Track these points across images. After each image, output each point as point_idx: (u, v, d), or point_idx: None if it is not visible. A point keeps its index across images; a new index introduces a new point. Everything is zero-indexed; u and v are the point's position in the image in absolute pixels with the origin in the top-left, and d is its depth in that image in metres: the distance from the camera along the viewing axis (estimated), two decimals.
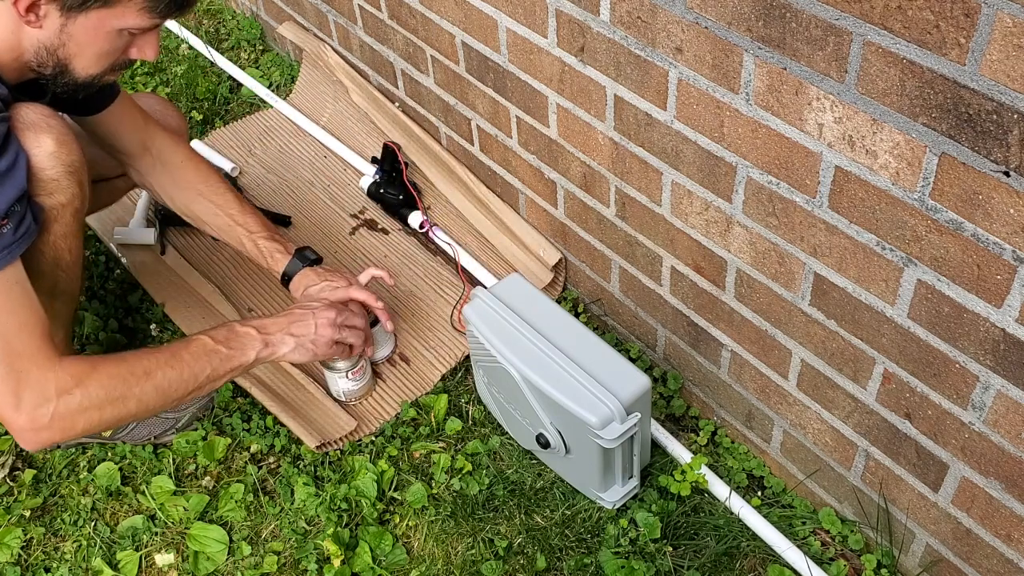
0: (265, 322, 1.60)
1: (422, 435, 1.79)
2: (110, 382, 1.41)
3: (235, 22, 2.90)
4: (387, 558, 1.63)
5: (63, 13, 1.33)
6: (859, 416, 1.43)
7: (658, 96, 1.42)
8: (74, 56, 1.39)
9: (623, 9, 1.38)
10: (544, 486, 1.70)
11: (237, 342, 1.55)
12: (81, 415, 1.39)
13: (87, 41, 1.37)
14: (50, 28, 1.35)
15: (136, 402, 1.44)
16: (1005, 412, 1.19)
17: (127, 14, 1.35)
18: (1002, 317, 1.12)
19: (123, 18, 1.36)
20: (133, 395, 1.43)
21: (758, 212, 1.38)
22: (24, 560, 1.67)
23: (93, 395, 1.39)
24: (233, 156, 2.39)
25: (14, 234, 1.33)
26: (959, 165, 1.06)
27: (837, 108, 1.15)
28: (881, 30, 1.04)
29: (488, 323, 1.61)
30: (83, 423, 1.40)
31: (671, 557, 1.58)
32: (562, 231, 1.91)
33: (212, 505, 1.72)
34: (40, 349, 1.36)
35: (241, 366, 1.55)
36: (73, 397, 1.37)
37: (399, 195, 2.15)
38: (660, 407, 1.81)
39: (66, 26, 1.35)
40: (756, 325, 1.52)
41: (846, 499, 1.58)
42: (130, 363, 1.44)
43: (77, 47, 1.38)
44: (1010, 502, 1.27)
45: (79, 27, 1.35)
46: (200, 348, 1.51)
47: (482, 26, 1.74)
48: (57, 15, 1.33)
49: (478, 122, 1.97)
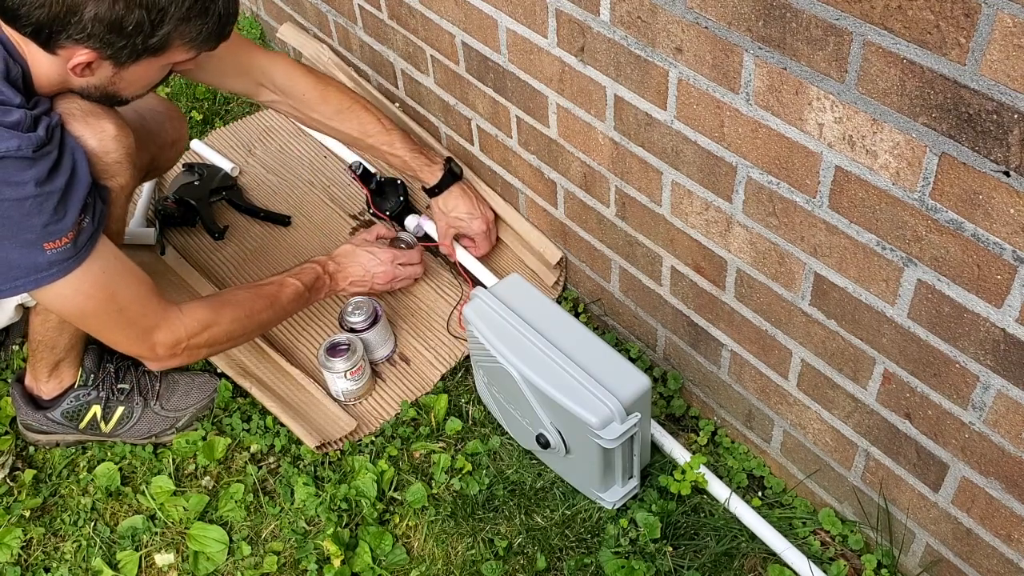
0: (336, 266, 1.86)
1: (422, 435, 1.79)
2: (231, 325, 1.64)
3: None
4: (387, 558, 1.63)
5: (115, 66, 1.38)
6: (859, 416, 1.43)
7: (658, 96, 1.42)
8: (122, 90, 1.48)
9: (623, 9, 1.38)
10: (544, 486, 1.70)
11: (317, 288, 1.81)
12: (206, 349, 1.64)
13: (137, 79, 1.45)
14: (102, 76, 1.41)
15: (245, 338, 1.73)
16: (1005, 412, 1.19)
17: (174, 55, 1.41)
18: (1002, 317, 1.12)
19: (171, 57, 1.42)
20: (245, 333, 1.70)
21: (758, 212, 1.38)
22: (24, 560, 1.67)
23: (217, 334, 1.63)
24: (233, 156, 2.39)
25: (93, 222, 1.42)
26: (959, 165, 1.06)
27: (837, 108, 1.15)
28: (881, 30, 1.04)
29: (488, 323, 1.61)
30: (206, 353, 1.67)
31: (671, 557, 1.58)
32: (562, 231, 1.91)
33: (212, 505, 1.72)
34: (160, 305, 1.55)
35: (311, 301, 1.83)
36: (201, 337, 1.60)
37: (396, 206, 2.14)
38: (660, 407, 1.81)
39: (119, 73, 1.41)
40: (756, 325, 1.52)
41: (846, 499, 1.58)
42: (246, 306, 1.67)
43: (127, 84, 1.46)
44: (1010, 502, 1.26)
45: (130, 72, 1.41)
46: (294, 292, 1.75)
47: (482, 26, 1.74)
48: (110, 68, 1.39)
49: (478, 122, 1.97)
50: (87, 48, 1.32)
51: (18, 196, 1.31)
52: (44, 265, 1.38)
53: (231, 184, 2.27)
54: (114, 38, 1.31)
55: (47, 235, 1.35)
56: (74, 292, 1.43)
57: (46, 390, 1.77)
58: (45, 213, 1.34)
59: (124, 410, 1.79)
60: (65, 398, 1.76)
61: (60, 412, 1.77)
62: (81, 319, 1.52)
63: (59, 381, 1.76)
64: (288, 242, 2.17)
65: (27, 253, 1.36)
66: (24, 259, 1.36)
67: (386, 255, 1.91)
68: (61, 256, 1.38)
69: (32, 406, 1.78)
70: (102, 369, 1.79)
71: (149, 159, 1.79)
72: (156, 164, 1.88)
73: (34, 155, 1.31)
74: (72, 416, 1.77)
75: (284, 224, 2.22)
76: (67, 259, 1.39)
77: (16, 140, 1.30)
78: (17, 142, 1.29)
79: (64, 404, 1.76)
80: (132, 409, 1.80)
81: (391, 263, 1.91)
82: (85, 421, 1.78)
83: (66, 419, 1.77)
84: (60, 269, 1.39)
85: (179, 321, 1.56)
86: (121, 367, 1.81)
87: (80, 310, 1.47)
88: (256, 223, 2.22)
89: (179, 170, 2.28)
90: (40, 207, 1.33)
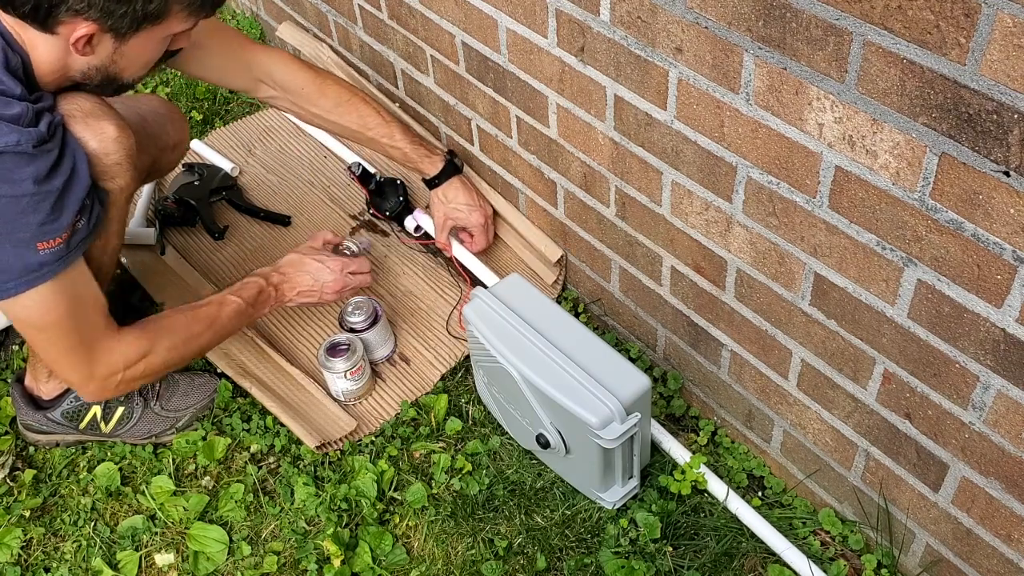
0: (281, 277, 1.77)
1: (422, 435, 1.79)
2: (168, 353, 1.58)
3: (235, 22, 2.90)
4: (387, 558, 1.63)
5: (116, 39, 1.38)
6: (859, 416, 1.43)
7: (658, 96, 1.42)
8: (124, 69, 1.46)
9: (623, 9, 1.38)
10: (544, 486, 1.70)
11: (261, 302, 1.74)
12: (141, 380, 1.58)
13: (137, 55, 1.44)
14: (102, 53, 1.40)
15: (183, 361, 1.65)
16: (1005, 412, 1.19)
17: (173, 23, 1.41)
18: (1002, 317, 1.12)
19: (169, 27, 1.41)
20: (184, 358, 1.64)
21: (758, 212, 1.38)
22: (24, 560, 1.67)
23: (154, 363, 1.57)
24: (233, 156, 2.39)
25: (88, 226, 1.41)
26: (959, 165, 1.06)
27: (837, 108, 1.15)
28: (881, 30, 1.04)
29: (488, 323, 1.61)
30: (140, 383, 1.60)
31: (671, 557, 1.58)
32: (562, 231, 1.91)
33: (212, 505, 1.72)
34: (106, 327, 1.50)
35: (257, 319, 1.79)
36: (138, 368, 1.55)
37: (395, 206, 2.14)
38: (660, 407, 1.81)
39: (119, 48, 1.40)
40: (756, 325, 1.52)
41: (846, 499, 1.58)
42: (181, 332, 1.61)
43: (127, 62, 1.44)
44: (1010, 502, 1.26)
45: (130, 46, 1.41)
46: (235, 311, 1.68)
47: (482, 26, 1.74)
48: (111, 42, 1.38)
49: (478, 122, 1.97)
50: (87, 20, 1.32)
51: (15, 193, 1.29)
52: (35, 266, 1.35)
53: (231, 184, 2.27)
54: (114, 5, 1.31)
55: (41, 234, 1.33)
56: (43, 299, 1.39)
57: (46, 390, 1.77)
58: (41, 212, 1.32)
59: (124, 410, 1.79)
60: (65, 398, 1.76)
61: (60, 412, 1.77)
62: (38, 330, 1.45)
63: (59, 381, 1.76)
64: (288, 242, 2.17)
65: (20, 253, 1.34)
66: (17, 259, 1.34)
67: (335, 263, 1.80)
68: (53, 257, 1.36)
69: (32, 406, 1.78)
70: None
71: (150, 161, 1.79)
72: (157, 167, 1.88)
73: (34, 151, 1.30)
74: (72, 416, 1.77)
75: (284, 224, 2.22)
76: (57, 260, 1.36)
77: (16, 135, 1.28)
78: (17, 137, 1.28)
79: (64, 404, 1.76)
80: (132, 409, 1.80)
81: (341, 271, 1.80)
82: (85, 421, 1.78)
83: (66, 419, 1.77)
84: (49, 271, 1.36)
85: (119, 351, 1.51)
86: None
87: (41, 320, 1.42)
88: (256, 223, 2.22)
89: (179, 170, 2.28)
90: (37, 206, 1.31)
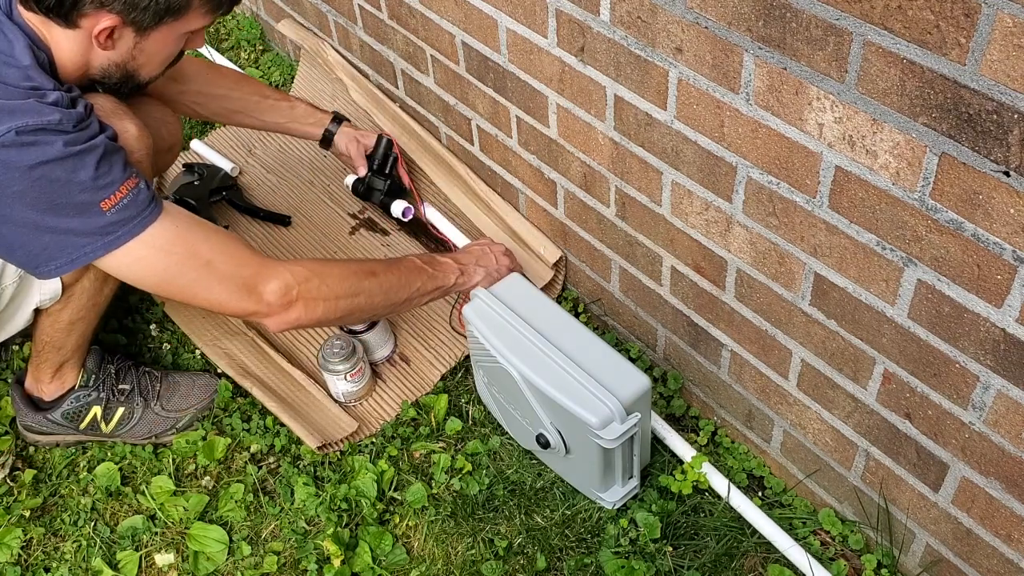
0: (457, 255, 1.75)
1: (422, 435, 1.79)
2: (342, 276, 1.54)
3: (235, 22, 2.90)
4: (387, 558, 1.63)
5: (137, 33, 1.41)
6: (859, 416, 1.43)
7: (658, 96, 1.42)
8: (142, 66, 1.48)
9: (623, 9, 1.38)
10: (544, 486, 1.70)
11: (439, 267, 1.68)
12: (321, 301, 1.50)
13: (156, 51, 1.46)
14: (123, 48, 1.43)
15: (365, 298, 1.56)
16: (1005, 412, 1.19)
17: (192, 18, 1.43)
18: (1002, 317, 1.12)
19: (189, 23, 1.44)
20: (363, 290, 1.55)
21: (758, 212, 1.38)
22: (24, 560, 1.67)
23: (331, 285, 1.51)
24: (233, 156, 2.39)
25: (149, 188, 1.40)
26: (959, 165, 1.06)
27: (837, 108, 1.15)
28: (881, 30, 1.04)
29: (488, 323, 1.61)
30: (322, 309, 1.51)
31: (671, 557, 1.58)
32: (562, 231, 1.91)
33: (212, 505, 1.72)
34: (254, 255, 1.47)
35: (441, 288, 1.69)
36: (312, 283, 1.49)
37: (383, 188, 2.13)
38: (660, 407, 1.81)
39: (139, 44, 1.43)
40: (756, 325, 1.52)
41: (846, 499, 1.58)
42: (355, 264, 1.60)
43: (146, 58, 1.47)
44: (1010, 502, 1.26)
45: (150, 42, 1.43)
46: (411, 264, 1.64)
47: (482, 26, 1.74)
48: (132, 36, 1.41)
49: (478, 122, 1.97)
50: (111, 12, 1.35)
51: (58, 155, 1.29)
52: (107, 226, 1.34)
53: (231, 184, 2.27)
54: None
55: (99, 190, 1.32)
56: (150, 251, 1.38)
57: (48, 391, 1.77)
58: (89, 166, 1.32)
59: (124, 411, 1.79)
60: (66, 399, 1.76)
61: (60, 413, 1.77)
62: (167, 283, 1.43)
63: (61, 382, 1.76)
64: (288, 242, 2.17)
65: (87, 218, 1.33)
66: (85, 224, 1.34)
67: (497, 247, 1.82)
68: (122, 215, 1.35)
69: (32, 408, 1.78)
70: (103, 370, 1.79)
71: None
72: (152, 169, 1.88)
73: (74, 129, 1.32)
74: (72, 417, 1.77)
75: (284, 224, 2.22)
76: (132, 218, 1.36)
77: (58, 115, 1.31)
78: (59, 116, 1.31)
79: (65, 405, 1.76)
80: (133, 410, 1.80)
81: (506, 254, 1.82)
82: (86, 422, 1.78)
83: (66, 420, 1.77)
84: (127, 230, 1.36)
85: (283, 267, 1.48)
86: (122, 368, 1.81)
87: (162, 270, 1.41)
88: (256, 223, 2.22)
89: (179, 170, 2.28)
90: (82, 160, 1.31)
